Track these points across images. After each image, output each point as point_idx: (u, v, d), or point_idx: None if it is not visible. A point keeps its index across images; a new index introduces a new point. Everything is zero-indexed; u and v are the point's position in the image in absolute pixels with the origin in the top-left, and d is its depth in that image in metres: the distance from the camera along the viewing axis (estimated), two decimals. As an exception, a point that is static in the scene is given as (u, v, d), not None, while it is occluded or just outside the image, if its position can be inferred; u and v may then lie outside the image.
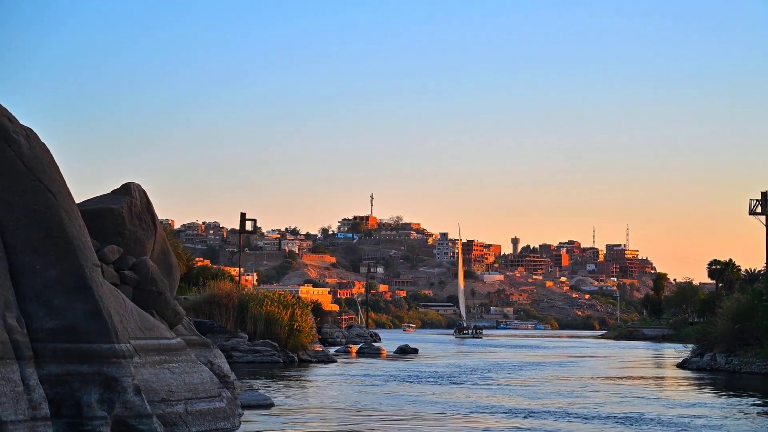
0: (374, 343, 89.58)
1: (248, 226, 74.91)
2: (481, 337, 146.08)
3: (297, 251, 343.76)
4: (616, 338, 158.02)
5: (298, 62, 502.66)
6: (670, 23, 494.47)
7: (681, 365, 61.20)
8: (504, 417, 27.30)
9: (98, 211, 26.56)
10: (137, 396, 18.49)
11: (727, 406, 32.41)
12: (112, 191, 27.49)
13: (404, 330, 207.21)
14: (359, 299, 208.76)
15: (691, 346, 64.92)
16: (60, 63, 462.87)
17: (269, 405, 28.60)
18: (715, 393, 39.23)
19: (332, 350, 74.90)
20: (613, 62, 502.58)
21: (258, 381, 40.63)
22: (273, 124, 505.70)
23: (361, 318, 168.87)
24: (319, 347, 64.61)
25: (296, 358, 57.11)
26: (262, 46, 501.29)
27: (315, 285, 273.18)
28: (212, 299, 58.56)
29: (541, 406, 30.91)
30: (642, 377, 50.72)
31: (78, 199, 27.26)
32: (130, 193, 27.18)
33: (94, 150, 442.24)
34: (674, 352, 73.98)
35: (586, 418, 27.26)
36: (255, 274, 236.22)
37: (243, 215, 74.04)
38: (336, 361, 59.82)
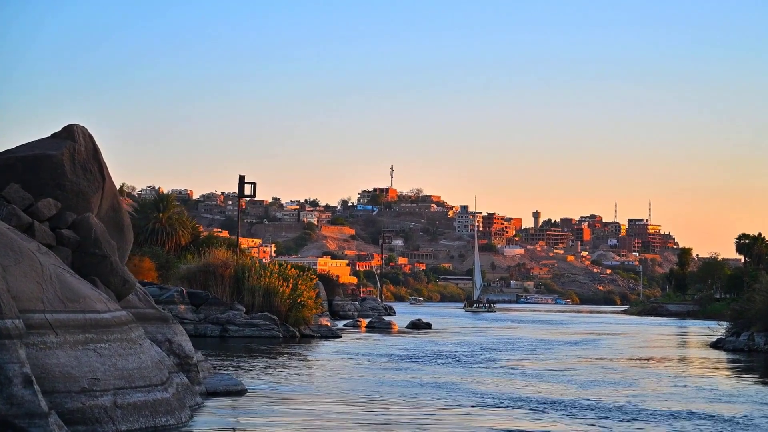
0: (386, 317, 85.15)
1: (248, 190, 69.99)
2: (494, 311, 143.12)
3: (316, 223, 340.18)
4: (639, 314, 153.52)
5: (321, 36, 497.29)
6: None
7: (714, 345, 56.51)
8: (542, 413, 22.14)
9: (33, 158, 22.03)
10: (27, 389, 13.88)
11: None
12: (52, 134, 22.79)
13: (410, 304, 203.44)
14: (377, 272, 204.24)
15: (725, 324, 60.12)
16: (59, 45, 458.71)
17: (240, 392, 23.84)
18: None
19: (341, 324, 70.59)
20: (635, 32, 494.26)
21: (248, 359, 36.18)
22: (295, 96, 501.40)
23: (379, 290, 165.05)
24: (326, 321, 60.27)
25: (297, 333, 52.61)
26: (288, 18, 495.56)
27: (334, 257, 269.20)
28: (207, 268, 54.16)
29: (587, 397, 25.37)
30: (679, 359, 45.97)
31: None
32: (73, 137, 22.51)
33: (124, 116, 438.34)
34: (706, 329, 69.15)
35: (653, 418, 21.72)
36: (273, 245, 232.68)
37: (242, 178, 69.06)
38: (341, 337, 55.19)
